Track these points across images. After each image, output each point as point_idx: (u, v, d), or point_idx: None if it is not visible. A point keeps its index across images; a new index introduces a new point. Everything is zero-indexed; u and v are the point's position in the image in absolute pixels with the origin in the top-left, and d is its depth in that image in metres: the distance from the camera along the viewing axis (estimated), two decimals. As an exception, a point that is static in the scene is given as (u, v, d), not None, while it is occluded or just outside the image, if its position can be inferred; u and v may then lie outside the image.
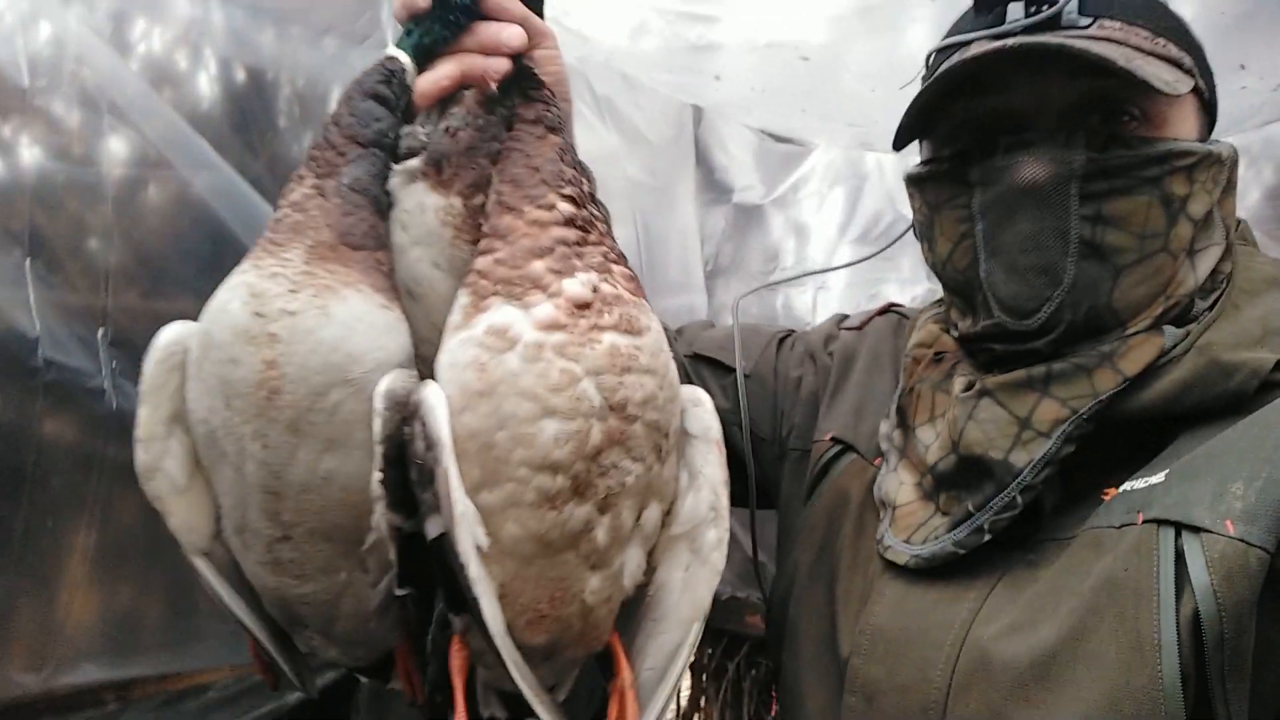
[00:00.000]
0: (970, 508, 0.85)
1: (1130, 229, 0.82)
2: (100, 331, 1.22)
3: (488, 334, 0.72)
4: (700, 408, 0.85)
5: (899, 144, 0.93)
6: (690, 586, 0.85)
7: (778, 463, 1.14)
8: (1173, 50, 0.86)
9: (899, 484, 0.92)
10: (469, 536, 0.70)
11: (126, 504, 1.31)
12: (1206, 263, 0.85)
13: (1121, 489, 0.81)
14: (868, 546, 0.93)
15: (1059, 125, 0.84)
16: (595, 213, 0.79)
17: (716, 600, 2.33)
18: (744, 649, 2.55)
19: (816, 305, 2.26)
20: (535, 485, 0.72)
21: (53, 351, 1.14)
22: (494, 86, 0.80)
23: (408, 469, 0.73)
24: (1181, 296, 0.84)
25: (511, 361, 0.71)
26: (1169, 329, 0.83)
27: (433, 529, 0.72)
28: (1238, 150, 0.87)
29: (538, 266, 0.73)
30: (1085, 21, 0.84)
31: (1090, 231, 0.82)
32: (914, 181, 0.95)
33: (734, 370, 1.15)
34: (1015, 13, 0.85)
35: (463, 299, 0.76)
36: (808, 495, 1.05)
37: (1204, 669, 0.70)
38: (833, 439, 1.05)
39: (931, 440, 0.90)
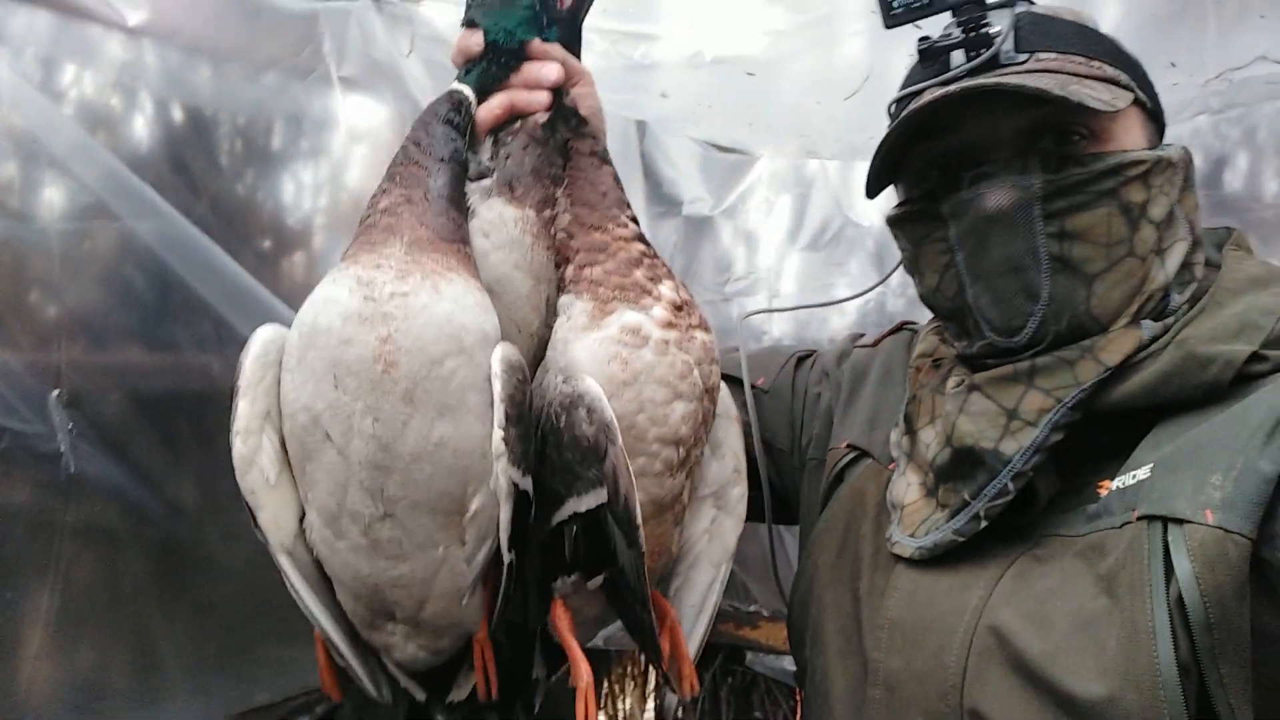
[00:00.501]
0: (966, 496, 0.88)
1: (1095, 240, 0.87)
2: (55, 393, 1.19)
3: (623, 333, 0.86)
4: (721, 391, 1.01)
5: (871, 192, 0.98)
6: (718, 534, 1.02)
7: (798, 473, 1.18)
8: (1108, 70, 0.90)
9: (907, 485, 0.96)
10: (637, 504, 0.83)
11: (86, 565, 1.27)
12: (1175, 258, 0.90)
13: (1115, 486, 0.84)
14: (885, 546, 0.96)
15: (1014, 154, 0.89)
16: None
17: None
18: (719, 658, 2.57)
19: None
20: (663, 457, 0.88)
21: (4, 418, 1.10)
22: (538, 116, 0.93)
23: (529, 431, 0.84)
24: (1155, 291, 0.88)
25: (647, 355, 0.86)
26: (1146, 322, 0.87)
27: (589, 501, 0.84)
28: (1189, 151, 0.92)
29: (639, 275, 0.88)
30: (1022, 58, 0.90)
31: (1058, 247, 0.87)
32: (894, 223, 1.00)
33: (753, 387, 1.21)
34: (959, 59, 0.92)
35: (581, 304, 0.89)
36: (825, 499, 1.08)
37: (1200, 656, 0.73)
38: (849, 446, 1.09)
39: (931, 439, 0.94)
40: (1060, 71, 0.88)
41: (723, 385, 1.01)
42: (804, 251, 2.25)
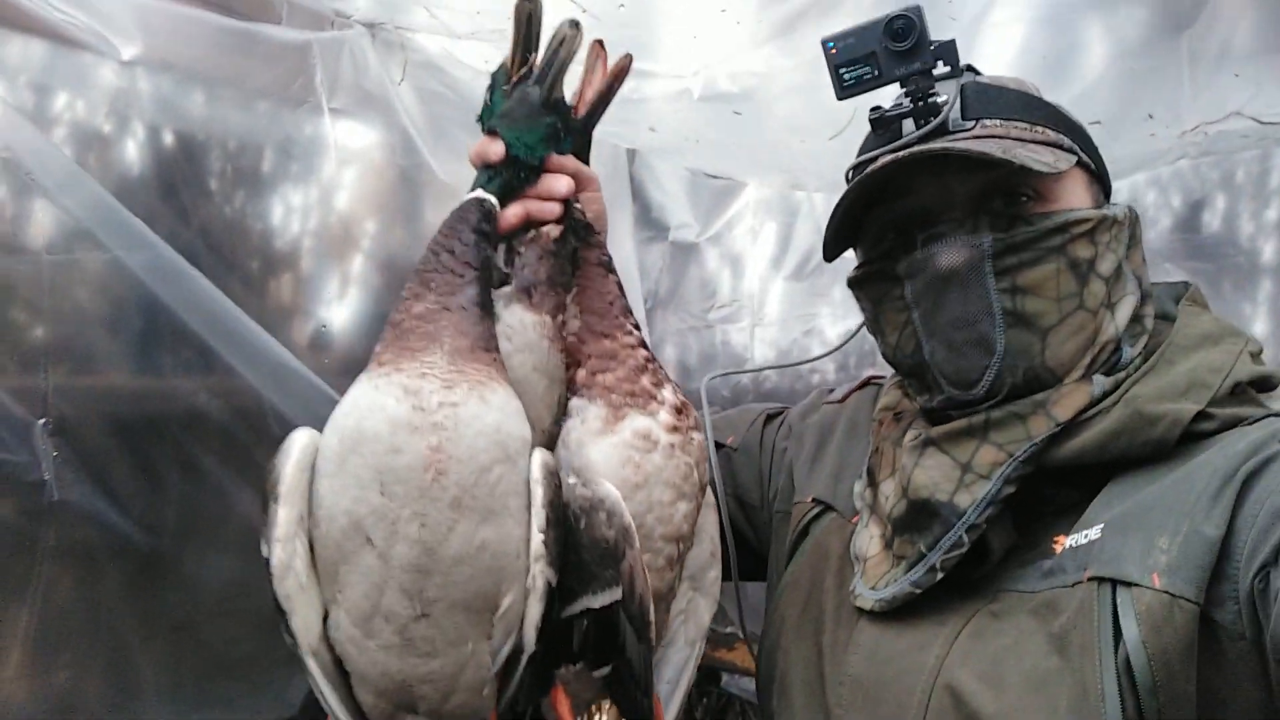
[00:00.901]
0: (922, 548, 0.90)
1: (1046, 294, 0.90)
2: (42, 421, 1.19)
3: (635, 437, 0.92)
4: None
5: (829, 255, 1.02)
6: (694, 614, 1.07)
7: (768, 527, 1.20)
8: (1050, 134, 0.95)
9: (869, 538, 0.98)
10: (651, 604, 0.89)
11: (66, 589, 1.28)
12: (1124, 311, 0.93)
13: (1068, 544, 0.86)
14: (849, 600, 0.98)
15: (965, 215, 0.92)
16: None
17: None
18: (695, 678, 2.58)
19: (754, 339, 2.30)
20: (665, 553, 0.94)
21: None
22: (551, 228, 0.99)
23: (563, 533, 0.88)
24: (1107, 343, 0.91)
25: (656, 459, 0.93)
26: (1098, 378, 0.90)
27: (603, 599, 0.88)
28: (1134, 210, 0.97)
29: (645, 381, 0.95)
30: (969, 124, 0.94)
31: (1011, 302, 0.90)
32: (854, 284, 1.03)
33: (722, 447, 1.25)
34: (910, 127, 0.96)
35: (595, 408, 0.94)
36: (790, 553, 1.10)
37: (1146, 718, 0.76)
38: (814, 500, 1.11)
39: (890, 491, 0.97)
40: (1005, 137, 0.92)
41: None
42: (788, 280, 2.27)
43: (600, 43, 1.00)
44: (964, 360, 0.91)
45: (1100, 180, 0.99)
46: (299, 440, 0.86)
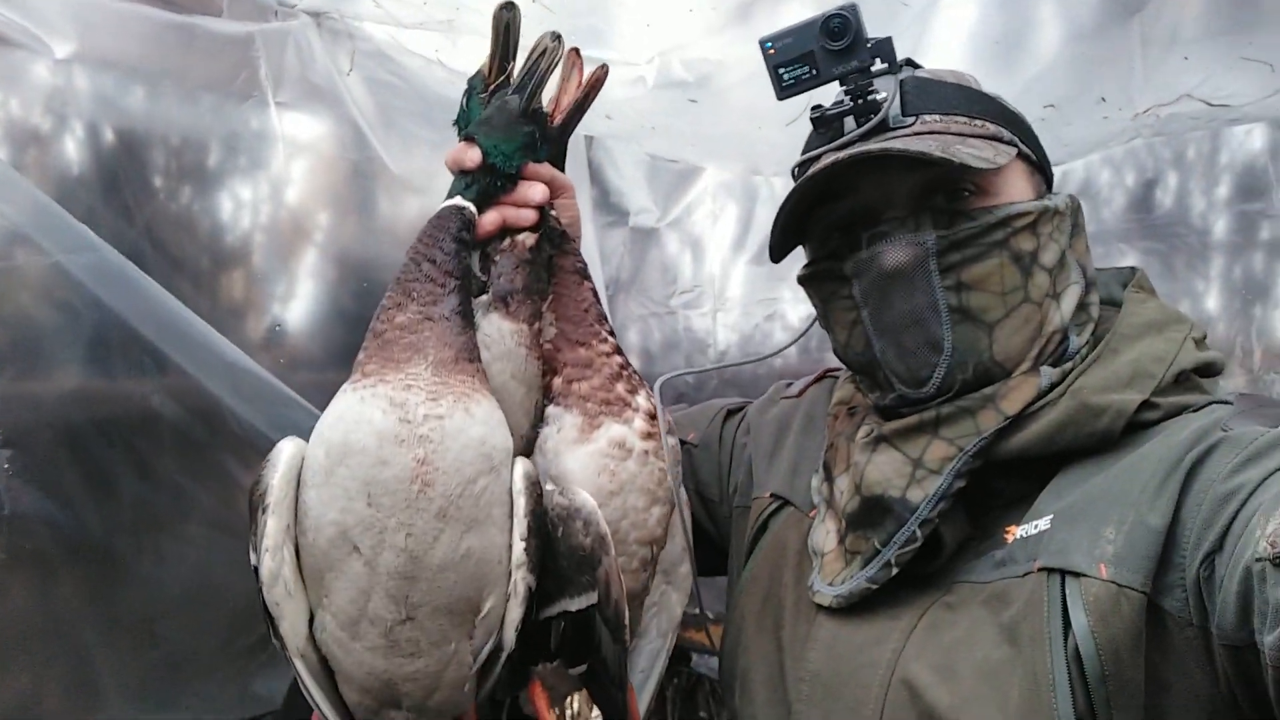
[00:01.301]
0: (877, 544, 0.91)
1: (991, 289, 0.90)
2: (-8, 434, 1.17)
3: (610, 446, 0.94)
4: None
5: (776, 256, 1.02)
6: (666, 607, 1.10)
7: (728, 522, 1.21)
8: (990, 128, 0.95)
9: (826, 533, 0.99)
10: (626, 607, 0.91)
11: (19, 596, 1.26)
12: (1069, 300, 0.93)
13: (1019, 532, 0.87)
14: (807, 594, 0.99)
15: (908, 213, 0.92)
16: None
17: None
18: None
19: (716, 323, 2.30)
20: (640, 556, 0.97)
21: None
22: (527, 236, 0.99)
23: (545, 540, 0.90)
24: (1053, 334, 0.92)
25: (631, 466, 0.95)
26: (1045, 369, 0.90)
27: (580, 603, 0.91)
28: (1076, 199, 0.97)
29: (620, 389, 0.96)
30: (909, 120, 0.94)
31: (957, 299, 0.90)
32: (804, 282, 1.03)
33: (684, 444, 1.24)
34: (850, 124, 0.96)
35: (570, 417, 0.95)
36: (750, 549, 1.10)
37: (1096, 707, 0.77)
38: (772, 495, 1.11)
39: (845, 487, 0.97)
40: (945, 133, 0.92)
41: None
42: (750, 264, 2.27)
43: (577, 51, 1.00)
44: (913, 359, 0.91)
45: (1041, 170, 1.00)
46: (286, 451, 0.88)
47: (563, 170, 1.05)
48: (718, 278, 2.31)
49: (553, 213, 1.02)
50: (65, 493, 1.29)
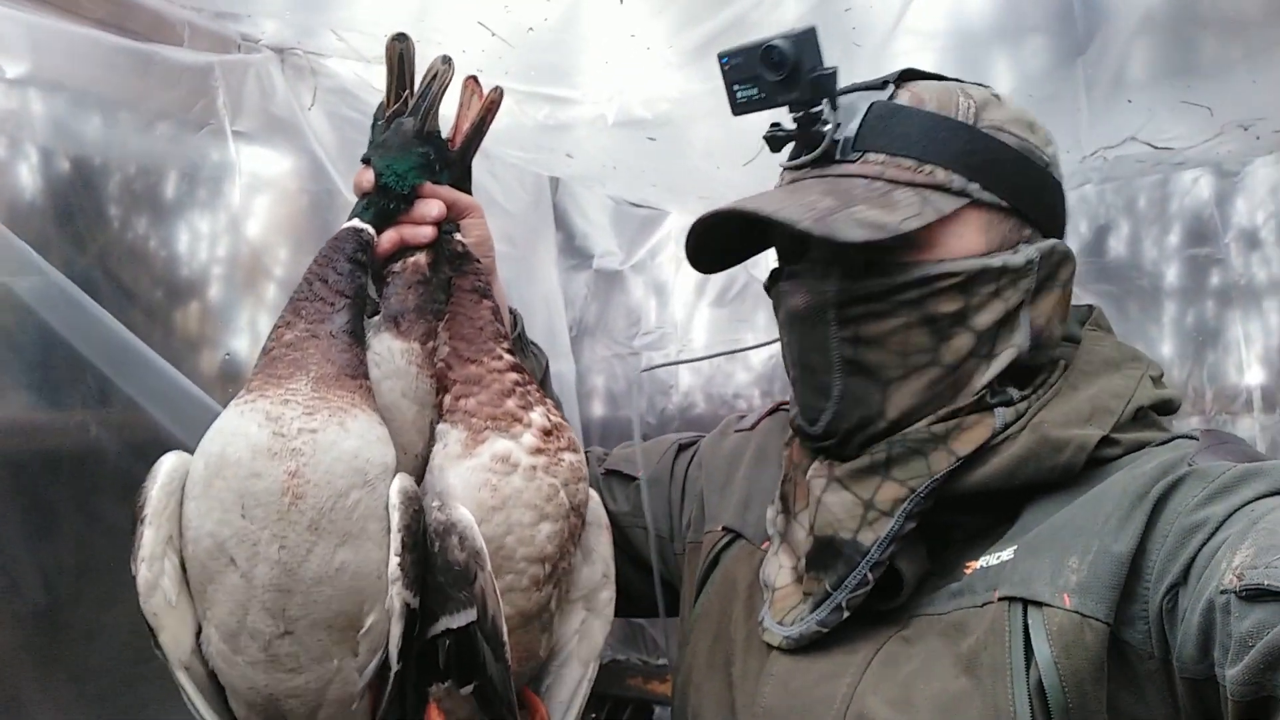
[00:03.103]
0: (828, 587, 0.89)
1: (890, 348, 0.88)
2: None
3: (494, 460, 0.92)
4: (592, 500, 1.08)
5: (703, 270, 1.03)
6: (587, 635, 1.07)
7: (681, 559, 1.18)
8: (940, 175, 0.88)
9: (779, 567, 0.96)
10: (504, 624, 0.90)
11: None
12: (999, 362, 0.89)
13: (979, 565, 0.86)
14: (758, 629, 0.96)
15: (820, 255, 0.91)
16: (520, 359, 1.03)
17: (600, 665, 2.27)
18: (628, 711, 2.55)
19: (647, 361, 2.30)
20: (530, 574, 0.94)
21: None
22: (421, 256, 1.00)
23: (422, 556, 0.89)
24: (974, 395, 0.89)
25: (516, 481, 0.92)
26: (1000, 410, 0.88)
27: (460, 620, 0.89)
28: (1057, 249, 0.90)
29: (511, 404, 0.95)
30: (854, 156, 0.90)
31: (851, 352, 0.89)
32: (766, 289, 1.03)
33: (635, 478, 1.23)
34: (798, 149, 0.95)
35: (456, 433, 0.94)
36: (701, 584, 1.08)
37: None
38: (724, 529, 1.09)
39: (805, 524, 0.95)
40: (877, 178, 0.88)
41: (593, 494, 1.06)
42: (712, 306, 2.28)
43: (474, 78, 1.02)
44: (808, 397, 0.93)
45: (1023, 215, 0.91)
46: (167, 464, 0.89)
47: (469, 193, 1.06)
48: (681, 320, 2.32)
49: (458, 235, 1.02)
50: (5, 522, 1.24)
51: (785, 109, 0.94)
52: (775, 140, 0.95)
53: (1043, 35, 1.47)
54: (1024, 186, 0.91)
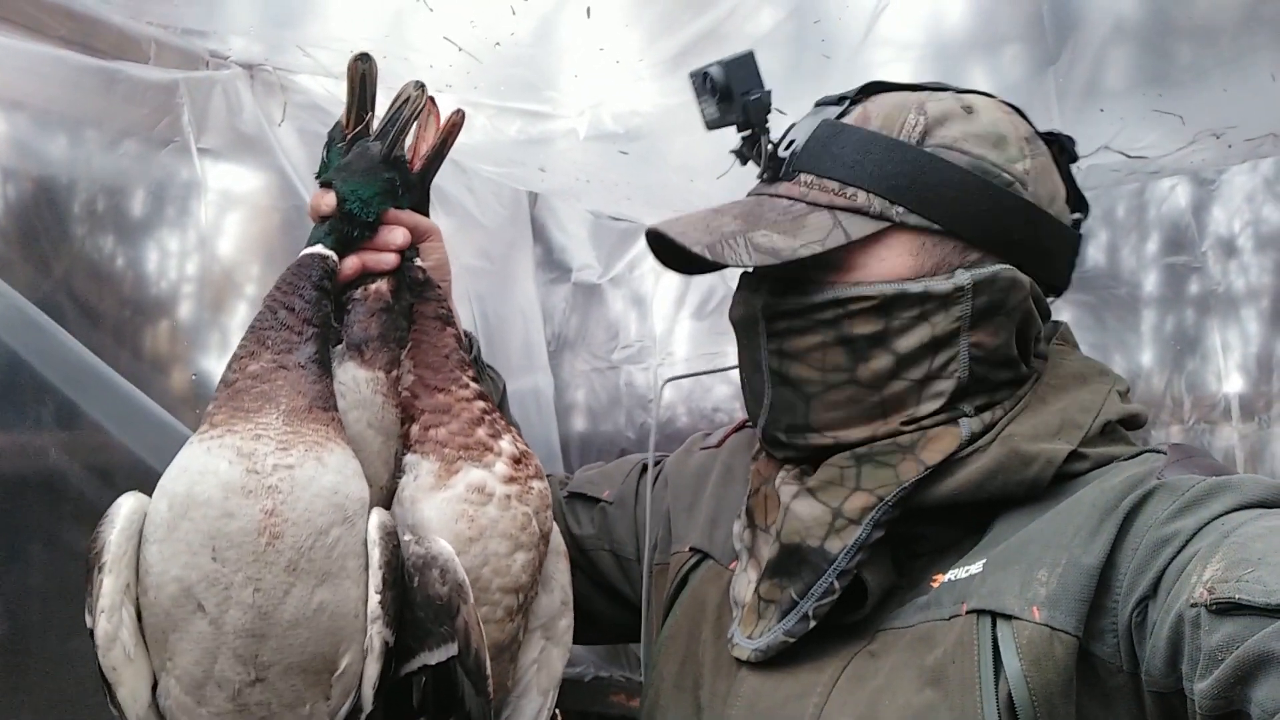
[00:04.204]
0: (794, 595, 0.88)
1: (810, 364, 0.91)
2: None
3: (469, 491, 0.91)
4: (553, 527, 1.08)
5: (672, 269, 1.03)
6: (546, 664, 1.05)
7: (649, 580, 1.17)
8: (860, 199, 0.88)
9: (748, 583, 0.95)
10: (488, 657, 0.89)
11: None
12: (934, 390, 0.89)
13: (947, 578, 0.86)
14: (727, 649, 0.95)
15: (758, 271, 0.95)
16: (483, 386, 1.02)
17: (581, 682, 2.29)
18: (610, 728, 2.52)
19: (658, 378, 2.28)
20: (504, 604, 0.93)
21: None
22: (383, 284, 0.97)
23: (401, 592, 0.87)
24: (915, 416, 0.89)
25: (491, 511, 0.91)
26: (965, 420, 0.88)
27: (440, 655, 0.87)
28: (1001, 276, 0.87)
29: (481, 433, 0.94)
30: (791, 175, 0.93)
31: (778, 364, 0.93)
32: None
33: (599, 500, 1.22)
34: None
35: (428, 463, 0.92)
36: (669, 606, 1.07)
37: None
38: (691, 549, 1.08)
39: (771, 535, 0.94)
40: (799, 199, 0.91)
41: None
42: (692, 319, 2.27)
43: (432, 99, 1.00)
44: (749, 401, 0.98)
45: (963, 238, 0.89)
46: (126, 506, 0.84)
47: (427, 215, 1.04)
48: (660, 333, 2.30)
49: (417, 260, 1.01)
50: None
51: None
52: (741, 156, 0.99)
53: (1016, 45, 1.47)
54: (968, 209, 0.88)
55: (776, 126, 0.98)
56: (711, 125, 0.98)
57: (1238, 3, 1.34)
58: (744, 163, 1.00)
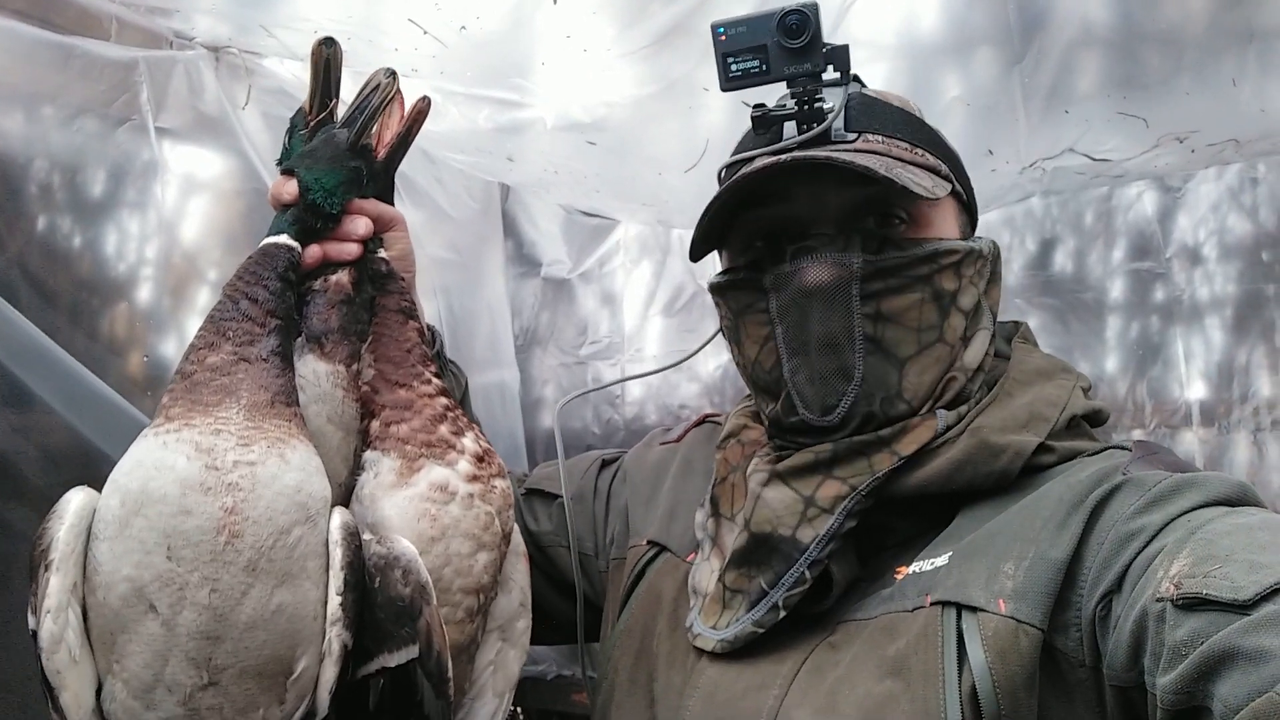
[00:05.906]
0: (764, 585, 0.88)
1: (908, 324, 0.88)
2: None
3: (431, 489, 0.88)
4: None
5: (695, 255, 0.98)
6: (502, 665, 1.03)
7: (604, 576, 1.16)
8: (929, 159, 0.93)
9: (710, 572, 0.94)
10: (449, 659, 0.86)
11: None
12: (977, 346, 0.92)
13: (911, 569, 0.85)
14: (683, 641, 0.94)
15: (837, 230, 0.90)
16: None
17: (543, 681, 2.27)
18: (576, 729, 2.50)
19: (625, 374, 2.27)
20: (465, 605, 0.91)
21: None
22: (343, 276, 0.95)
23: (362, 594, 0.84)
24: (958, 376, 0.91)
25: (454, 510, 0.89)
26: (941, 412, 0.89)
27: (400, 657, 0.84)
28: (998, 245, 0.96)
29: (444, 430, 0.91)
30: (851, 136, 0.92)
31: (873, 328, 0.88)
32: (716, 290, 1.00)
33: (558, 496, 1.19)
34: (791, 130, 0.93)
35: (389, 460, 0.89)
36: (625, 600, 1.06)
37: None
38: (649, 542, 1.07)
39: (739, 523, 0.93)
40: (886, 154, 0.90)
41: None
42: (662, 316, 2.26)
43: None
44: (823, 385, 0.89)
45: (969, 212, 0.98)
46: (75, 501, 0.81)
47: (391, 204, 1.02)
48: (630, 330, 2.29)
49: (381, 251, 0.98)
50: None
51: (778, 86, 0.94)
52: (765, 120, 0.93)
53: (984, 46, 1.48)
54: (967, 184, 0.98)
55: (760, 95, 0.96)
56: (788, 76, 0.92)
57: (1202, 8, 1.35)
58: (765, 128, 0.94)
